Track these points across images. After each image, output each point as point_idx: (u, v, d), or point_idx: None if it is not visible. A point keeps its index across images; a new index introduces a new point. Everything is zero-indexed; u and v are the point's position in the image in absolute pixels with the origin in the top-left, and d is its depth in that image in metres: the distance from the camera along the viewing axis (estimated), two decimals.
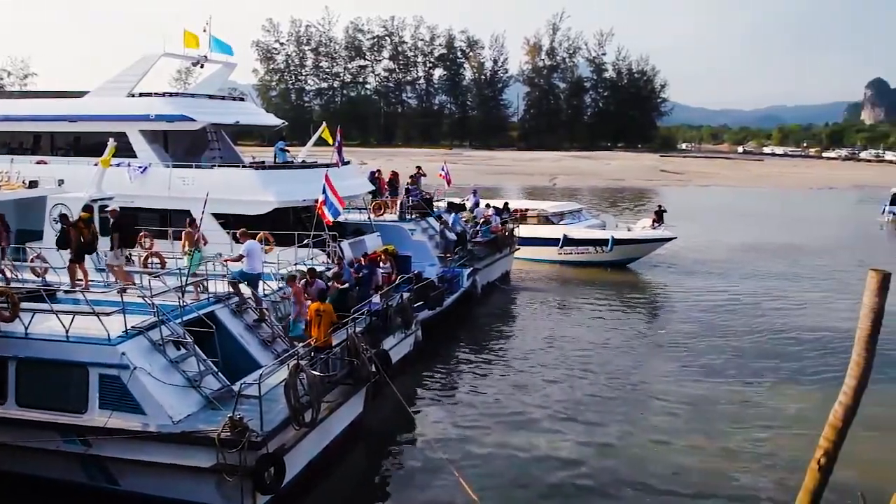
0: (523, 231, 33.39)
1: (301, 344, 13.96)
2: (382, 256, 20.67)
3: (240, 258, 16.13)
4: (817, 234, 47.07)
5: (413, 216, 27.43)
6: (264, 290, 16.57)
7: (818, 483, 8.69)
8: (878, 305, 8.13)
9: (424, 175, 30.97)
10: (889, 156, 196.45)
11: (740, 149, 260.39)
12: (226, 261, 16.46)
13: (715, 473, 13.54)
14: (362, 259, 20.20)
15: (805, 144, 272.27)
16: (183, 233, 17.71)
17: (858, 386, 8.34)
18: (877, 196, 62.28)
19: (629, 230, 35.43)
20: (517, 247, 31.77)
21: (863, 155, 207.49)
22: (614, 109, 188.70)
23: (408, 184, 30.18)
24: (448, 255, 25.91)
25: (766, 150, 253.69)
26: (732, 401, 17.31)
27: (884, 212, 54.96)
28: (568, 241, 33.74)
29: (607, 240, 33.57)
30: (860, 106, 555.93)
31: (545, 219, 35.01)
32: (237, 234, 17.62)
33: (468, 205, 32.58)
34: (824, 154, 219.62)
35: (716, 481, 13.22)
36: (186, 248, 17.12)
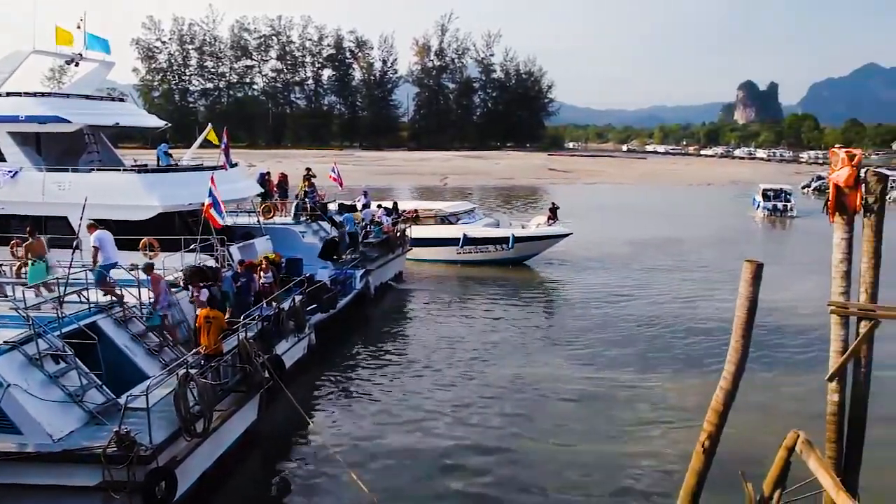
0: (420, 231, 33.48)
1: (192, 351, 13.55)
2: (263, 264, 19.86)
3: (95, 252, 15.53)
4: (699, 228, 49.34)
5: (305, 218, 27.12)
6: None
7: (703, 464, 9.11)
8: (752, 294, 8.59)
9: (314, 176, 30.57)
10: (760, 153, 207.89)
11: (625, 147, 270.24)
12: (94, 265, 15.72)
13: (608, 462, 13.94)
14: (239, 267, 19.47)
15: (684, 143, 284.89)
16: (24, 243, 16.84)
17: (737, 371, 8.79)
18: (751, 192, 65.78)
19: (524, 227, 36.08)
20: (409, 247, 31.79)
21: (737, 153, 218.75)
22: (503, 109, 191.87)
23: (304, 186, 29.70)
24: (337, 256, 25.66)
25: (649, 148, 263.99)
26: (624, 392, 17.82)
27: (758, 207, 58.10)
28: (468, 241, 34.04)
29: (508, 238, 34.08)
30: (733, 106, 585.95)
31: (443, 219, 35.19)
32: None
33: (359, 206, 32.39)
34: (702, 152, 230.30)
35: (609, 471, 13.61)
36: (25, 259, 16.31)
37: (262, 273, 19.40)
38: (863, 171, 9.09)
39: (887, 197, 10.01)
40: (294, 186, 30.61)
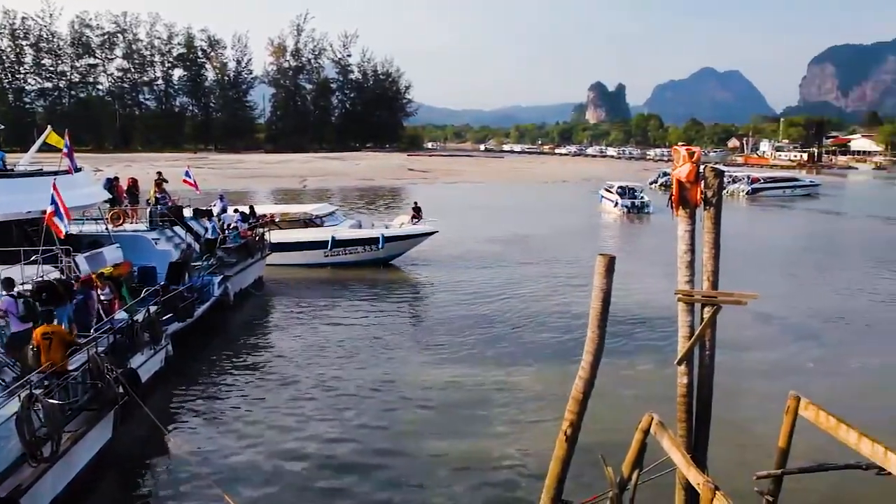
0: (284, 236, 32.81)
1: (36, 370, 12.66)
2: (98, 281, 17.96)
3: None
4: (557, 224, 51.04)
5: (160, 225, 25.98)
6: None
7: (566, 451, 9.41)
8: (606, 286, 8.95)
9: (166, 181, 29.30)
10: (611, 151, 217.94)
11: (482, 147, 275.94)
12: None
13: (477, 456, 14.12)
14: (75, 283, 17.98)
15: (540, 142, 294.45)
16: None
17: (594, 360, 9.14)
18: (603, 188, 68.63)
19: (387, 227, 36.06)
20: (269, 252, 31.09)
21: (589, 151, 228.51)
22: (361, 110, 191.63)
23: (155, 192, 28.38)
24: (191, 262, 24.69)
25: (506, 147, 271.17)
26: (491, 387, 18.09)
27: (616, 204, 60.43)
28: (337, 243, 33.65)
29: (378, 238, 33.96)
30: (585, 106, 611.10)
31: (308, 222, 34.57)
32: None
33: (215, 210, 31.35)
34: (557, 150, 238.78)
35: (478, 464, 13.80)
36: None
37: (98, 290, 17.73)
38: (702, 167, 9.69)
39: (724, 191, 10.71)
40: (145, 192, 29.21)
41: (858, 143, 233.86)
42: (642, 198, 60.40)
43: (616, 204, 60.30)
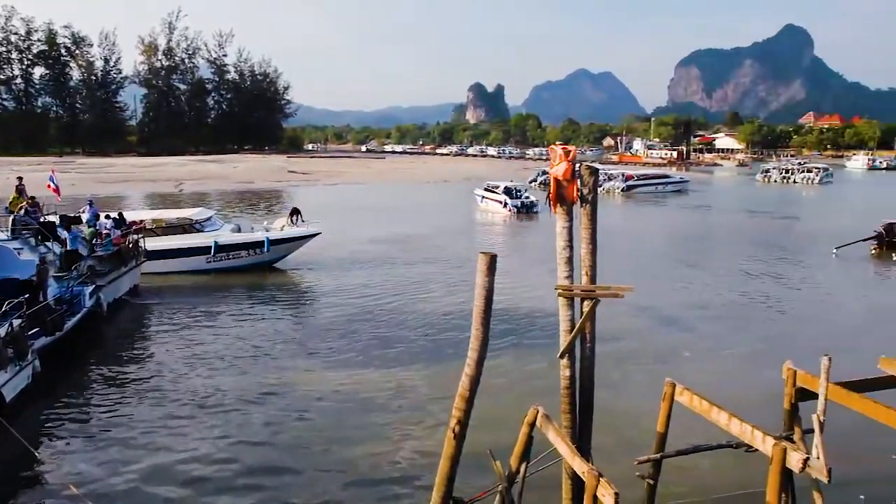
0: (162, 242, 31.54)
1: None
2: None
3: None
4: (440, 223, 51.42)
5: (22, 234, 24.45)
6: None
7: (455, 448, 9.47)
8: (488, 284, 9.05)
9: (23, 188, 27.57)
10: (491, 151, 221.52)
11: (364, 148, 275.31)
12: None
13: (367, 457, 14.02)
14: None
15: (421, 142, 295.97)
16: None
17: (479, 357, 9.23)
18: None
19: (267, 231, 35.23)
20: (143, 259, 29.81)
21: (470, 151, 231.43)
22: (239, 111, 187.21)
23: (21, 201, 26.67)
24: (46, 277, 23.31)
25: (388, 148, 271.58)
26: (379, 388, 18.00)
27: (506, 205, 60.80)
28: (220, 248, 32.61)
29: (263, 241, 33.22)
30: (465, 107, 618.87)
31: (188, 227, 33.26)
32: None
33: (84, 217, 29.76)
34: (438, 151, 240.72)
35: (368, 465, 13.73)
36: None
37: None
38: (578, 165, 9.97)
39: (600, 188, 11.04)
40: (4, 199, 27.40)
41: (722, 141, 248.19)
42: (528, 197, 61.44)
43: (505, 204, 60.52)
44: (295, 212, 37.29)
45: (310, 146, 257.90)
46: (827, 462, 7.84)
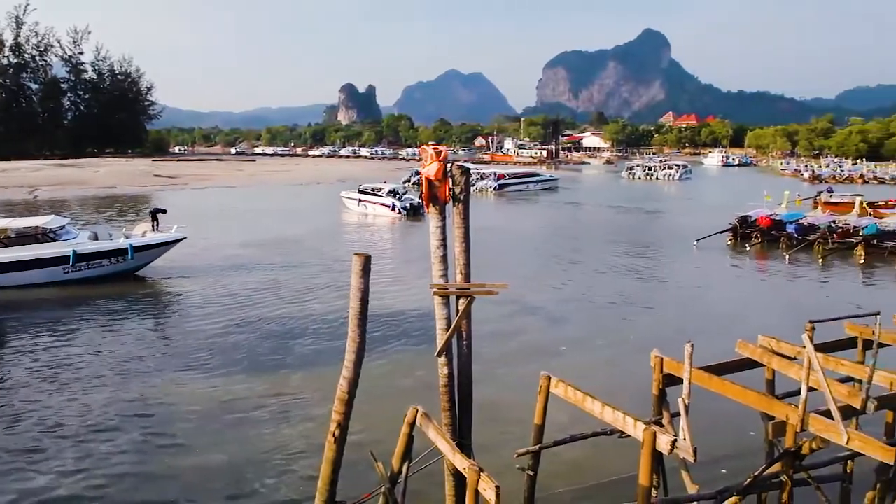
0: (12, 254, 29.43)
1: None
2: None
3: None
4: (312, 225, 50.74)
5: None
6: None
7: (335, 452, 9.38)
8: (363, 285, 8.99)
9: None
10: (364, 152, 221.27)
11: (233, 150, 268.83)
12: None
13: (245, 467, 13.65)
14: None
15: (293, 144, 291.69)
16: None
17: (357, 359, 9.16)
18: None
19: (127, 237, 33.55)
20: None
21: (343, 152, 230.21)
22: (99, 113, 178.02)
23: None
24: None
25: (258, 150, 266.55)
26: (256, 394, 17.57)
27: (393, 207, 59.35)
28: (79, 257, 30.71)
29: (126, 248, 31.61)
30: (337, 108, 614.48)
31: (42, 236, 31.01)
32: None
33: None
34: (310, 152, 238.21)
35: (248, 474, 13.36)
36: None
37: None
38: (449, 165, 10.06)
39: (473, 187, 11.19)
40: None
41: (589, 140, 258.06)
42: (412, 198, 61.03)
43: (393, 207, 59.12)
44: (154, 216, 35.79)
45: (177, 149, 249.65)
46: (693, 442, 8.24)
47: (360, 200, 63.06)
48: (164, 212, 36.33)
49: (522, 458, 10.60)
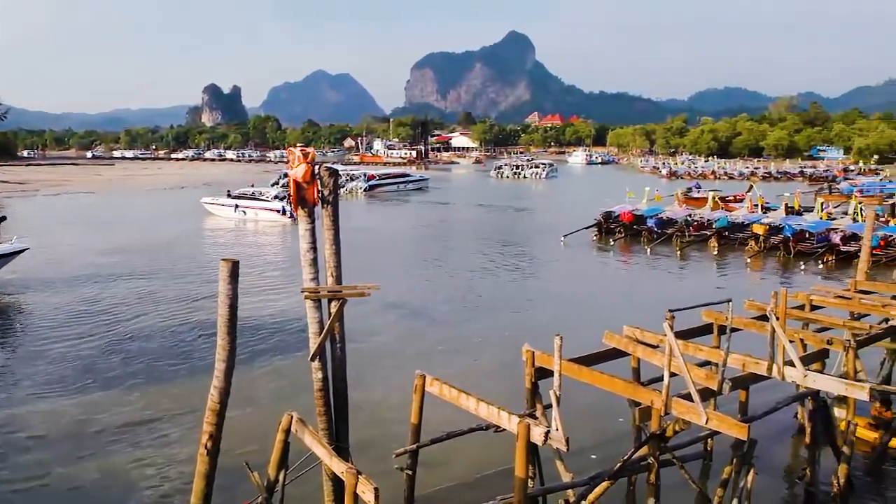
0: None
1: None
2: None
3: None
4: (174, 231, 48.79)
5: None
6: None
7: (208, 465, 9.06)
8: (231, 292, 8.72)
9: None
10: (230, 154, 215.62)
11: (89, 153, 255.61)
12: None
13: (114, 483, 12.95)
14: None
15: (154, 147, 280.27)
16: None
17: (227, 367, 8.88)
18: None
19: None
20: None
21: (207, 155, 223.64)
22: None
23: None
24: None
25: (117, 153, 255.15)
26: (121, 410, 16.65)
27: (284, 212, 55.13)
28: None
29: None
30: (200, 109, 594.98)
31: None
32: None
33: None
34: (173, 155, 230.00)
35: (119, 491, 12.67)
36: None
37: None
38: (317, 167, 9.93)
39: (343, 189, 11.09)
40: None
41: (458, 140, 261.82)
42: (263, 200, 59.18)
43: (284, 212, 56.23)
44: None
45: (25, 153, 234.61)
46: (565, 432, 8.48)
47: (237, 206, 59.76)
48: (4, 219, 33.52)
49: (401, 458, 10.59)
